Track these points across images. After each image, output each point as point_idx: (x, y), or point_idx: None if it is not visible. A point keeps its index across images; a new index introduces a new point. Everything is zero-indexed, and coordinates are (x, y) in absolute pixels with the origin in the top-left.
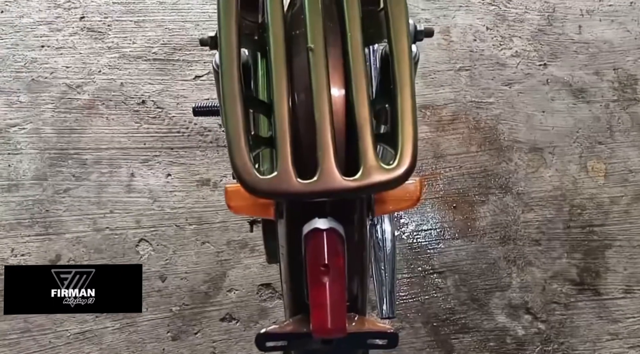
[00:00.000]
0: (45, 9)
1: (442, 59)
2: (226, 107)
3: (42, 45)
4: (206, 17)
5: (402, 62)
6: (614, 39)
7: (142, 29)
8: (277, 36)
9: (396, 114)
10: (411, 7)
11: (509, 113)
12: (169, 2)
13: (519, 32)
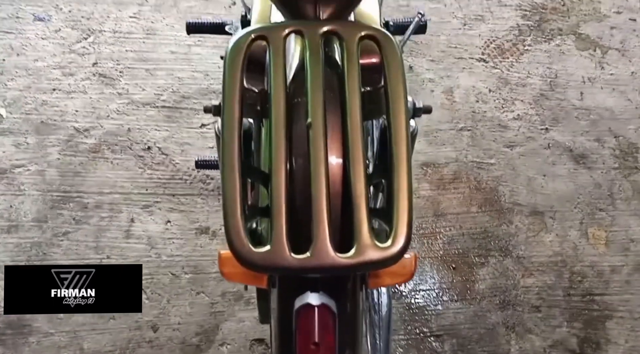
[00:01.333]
0: (60, 54)
1: (444, 118)
2: (224, 176)
3: (53, 89)
4: (215, 68)
5: (399, 140)
6: (615, 107)
7: (153, 77)
8: (278, 110)
9: (392, 191)
10: (416, 66)
11: (510, 175)
12: (180, 52)
13: (521, 96)
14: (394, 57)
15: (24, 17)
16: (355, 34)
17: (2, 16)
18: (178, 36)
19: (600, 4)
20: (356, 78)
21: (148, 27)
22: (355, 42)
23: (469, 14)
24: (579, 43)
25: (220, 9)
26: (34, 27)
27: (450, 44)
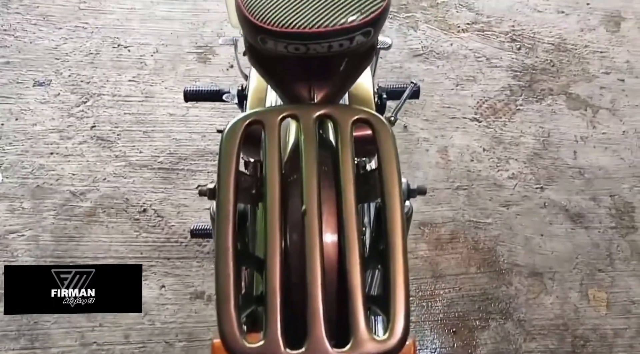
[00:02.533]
0: (59, 118)
1: (440, 177)
2: (218, 265)
3: (51, 152)
4: (212, 129)
5: (394, 224)
6: (608, 165)
7: (151, 139)
8: (273, 197)
9: (388, 279)
10: (410, 126)
11: (507, 235)
12: (178, 114)
13: (515, 155)
14: (387, 141)
15: (24, 82)
16: (349, 117)
17: (3, 82)
18: (176, 98)
19: (589, 65)
20: (350, 162)
21: (147, 90)
22: (348, 126)
23: (461, 75)
24: (570, 103)
25: (218, 71)
26: (34, 92)
27: (444, 104)
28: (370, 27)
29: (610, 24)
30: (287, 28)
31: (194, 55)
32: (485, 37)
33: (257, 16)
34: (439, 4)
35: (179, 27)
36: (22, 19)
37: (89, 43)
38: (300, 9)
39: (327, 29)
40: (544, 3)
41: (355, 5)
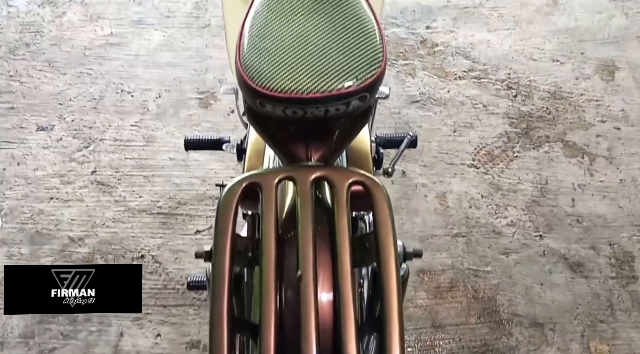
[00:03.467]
0: (60, 162)
1: (439, 223)
2: (212, 331)
3: (51, 198)
4: (212, 173)
5: (390, 290)
6: (607, 214)
7: (151, 184)
8: (268, 261)
9: (384, 348)
10: (408, 171)
11: (507, 284)
12: (178, 158)
13: (513, 202)
14: (383, 204)
15: (27, 127)
16: (345, 180)
17: (6, 127)
18: (177, 143)
19: (585, 113)
20: (346, 227)
21: (148, 135)
22: (345, 189)
23: (458, 121)
24: (566, 150)
25: (219, 116)
26: (37, 137)
27: (442, 150)
28: (366, 92)
29: (605, 73)
30: (285, 93)
31: (195, 101)
32: (481, 84)
33: (256, 81)
34: (435, 52)
35: (182, 73)
36: (28, 65)
37: (92, 88)
38: (297, 74)
39: (324, 95)
40: (539, 52)
41: (352, 70)
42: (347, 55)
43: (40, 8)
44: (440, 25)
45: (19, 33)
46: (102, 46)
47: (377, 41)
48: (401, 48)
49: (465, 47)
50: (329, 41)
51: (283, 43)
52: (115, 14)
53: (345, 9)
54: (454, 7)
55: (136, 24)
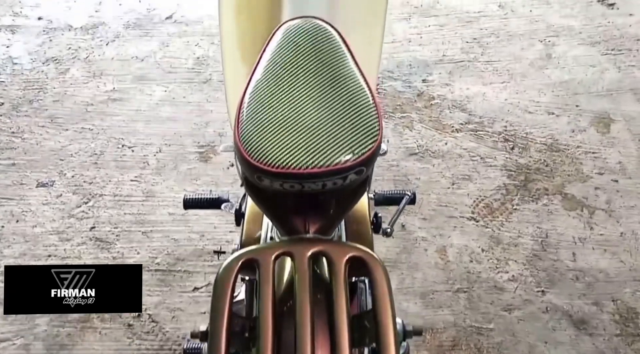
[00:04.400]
0: (59, 219)
1: (440, 278)
2: None
3: (49, 255)
4: (211, 228)
5: None
6: (609, 268)
7: (149, 239)
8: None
9: None
10: (408, 225)
11: (510, 342)
12: (178, 213)
13: (514, 256)
14: (382, 280)
15: (27, 183)
16: (343, 256)
17: (7, 183)
18: (176, 197)
19: (582, 165)
20: (344, 305)
21: (148, 190)
22: (342, 265)
23: (456, 173)
24: (565, 203)
25: (218, 170)
26: (36, 193)
27: (441, 202)
28: (362, 166)
29: (600, 125)
30: (282, 168)
31: (195, 155)
32: (478, 137)
33: (254, 156)
34: (432, 105)
35: (182, 128)
36: (30, 121)
37: (93, 144)
38: (294, 149)
39: (321, 170)
40: (534, 105)
41: (348, 144)
42: (343, 130)
43: (44, 65)
44: (437, 78)
45: (22, 90)
46: (104, 102)
47: (372, 114)
48: (398, 101)
49: (461, 100)
50: (325, 115)
51: (281, 117)
52: (118, 70)
53: (341, 81)
54: (449, 60)
55: (138, 79)
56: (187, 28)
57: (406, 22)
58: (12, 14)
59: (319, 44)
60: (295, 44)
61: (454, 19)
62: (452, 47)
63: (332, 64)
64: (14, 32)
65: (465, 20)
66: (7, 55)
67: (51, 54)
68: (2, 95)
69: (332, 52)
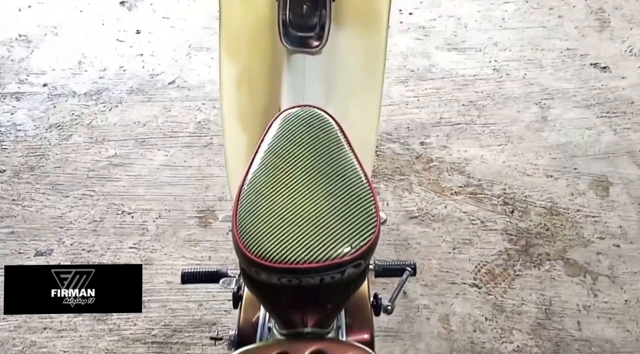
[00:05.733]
0: None
1: (443, 349)
2: None
3: (44, 328)
4: (210, 297)
5: None
6: (615, 338)
7: (146, 310)
8: None
9: None
10: (410, 291)
11: None
12: (175, 282)
13: (518, 325)
14: None
15: (25, 252)
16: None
17: (4, 252)
18: (175, 265)
19: (583, 229)
20: None
21: (146, 258)
22: None
23: (457, 238)
24: (568, 269)
25: (218, 235)
26: (34, 262)
27: (442, 268)
28: (360, 260)
29: (599, 188)
30: (279, 263)
31: (195, 220)
32: (478, 200)
33: (251, 250)
34: (431, 167)
35: (182, 192)
36: (31, 188)
37: (93, 211)
38: (292, 243)
39: (319, 265)
40: (532, 167)
41: (346, 237)
42: (340, 222)
43: (47, 132)
44: (434, 141)
45: (25, 157)
46: (105, 167)
47: (370, 205)
48: (397, 163)
49: (459, 163)
50: (323, 207)
51: (278, 209)
52: (120, 135)
53: (338, 171)
54: (446, 123)
55: (140, 144)
56: (189, 93)
57: (403, 85)
58: (17, 82)
59: (316, 134)
60: (293, 134)
61: (450, 82)
62: (449, 109)
63: (329, 154)
64: (18, 99)
65: (461, 84)
66: (11, 122)
67: (54, 121)
68: (5, 162)
69: (328, 141)
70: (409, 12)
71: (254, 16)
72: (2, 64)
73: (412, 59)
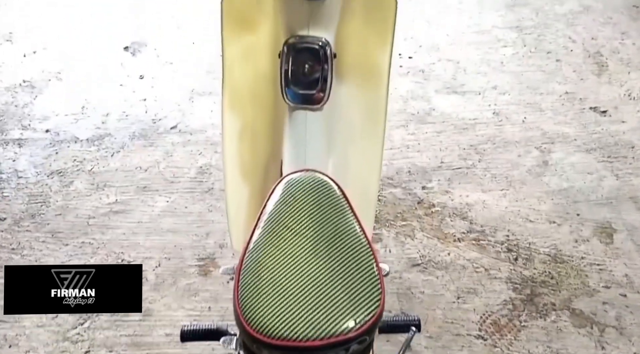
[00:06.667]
0: (53, 342)
1: None
2: None
3: None
4: (209, 350)
5: None
6: None
7: None
8: None
9: None
10: (414, 344)
11: None
12: (175, 334)
13: None
14: None
15: None
16: None
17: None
18: (174, 316)
19: (588, 278)
20: None
21: (145, 308)
22: None
23: (461, 286)
24: (574, 319)
25: (218, 285)
26: (31, 315)
27: (447, 319)
28: (365, 336)
29: (603, 235)
30: (282, 341)
31: (195, 268)
32: (481, 246)
33: (254, 326)
34: (433, 212)
35: (183, 240)
36: (31, 236)
37: (93, 259)
38: (295, 319)
39: (322, 342)
40: (535, 213)
41: (349, 313)
42: (344, 296)
43: (49, 178)
44: (436, 185)
45: (25, 204)
46: (106, 214)
47: (374, 277)
48: (399, 208)
49: (461, 208)
50: (326, 280)
51: (281, 283)
52: (121, 181)
53: (341, 241)
54: (447, 167)
55: (141, 190)
56: (191, 137)
57: (404, 128)
58: (20, 128)
59: (318, 201)
60: (296, 201)
61: (450, 125)
62: (449, 153)
63: (332, 223)
64: (21, 145)
65: (461, 127)
66: (12, 169)
67: (56, 167)
68: (5, 210)
69: (331, 209)
70: (408, 56)
71: (256, 72)
72: (6, 110)
73: (413, 102)
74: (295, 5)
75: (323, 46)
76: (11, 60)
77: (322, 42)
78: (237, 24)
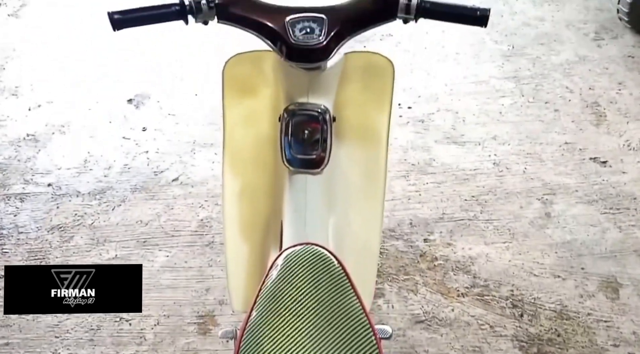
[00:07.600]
0: None
1: None
2: None
3: None
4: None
5: None
6: None
7: None
8: None
9: None
10: None
11: None
12: None
13: None
14: None
15: None
16: None
17: None
18: None
19: (596, 336)
20: None
21: None
22: None
23: (466, 345)
24: None
25: (217, 344)
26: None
27: None
28: None
29: (609, 290)
30: None
31: (194, 326)
32: (485, 302)
33: None
34: (436, 266)
35: (182, 296)
36: None
37: (91, 318)
38: None
39: None
40: (539, 267)
41: None
42: None
43: (49, 233)
44: (438, 238)
45: (25, 260)
46: None
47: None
48: (401, 262)
49: (464, 262)
50: None
51: None
52: (121, 235)
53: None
54: (449, 219)
55: (141, 245)
56: (192, 189)
57: (404, 179)
58: (23, 182)
59: (318, 277)
60: (295, 277)
61: (451, 176)
62: (451, 204)
63: (331, 301)
64: (22, 200)
65: (462, 178)
66: (13, 224)
67: (57, 222)
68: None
69: (331, 284)
70: (407, 106)
71: (257, 135)
72: (9, 165)
73: (413, 152)
74: (295, 74)
75: (322, 113)
76: (16, 114)
77: (321, 108)
78: (238, 90)
